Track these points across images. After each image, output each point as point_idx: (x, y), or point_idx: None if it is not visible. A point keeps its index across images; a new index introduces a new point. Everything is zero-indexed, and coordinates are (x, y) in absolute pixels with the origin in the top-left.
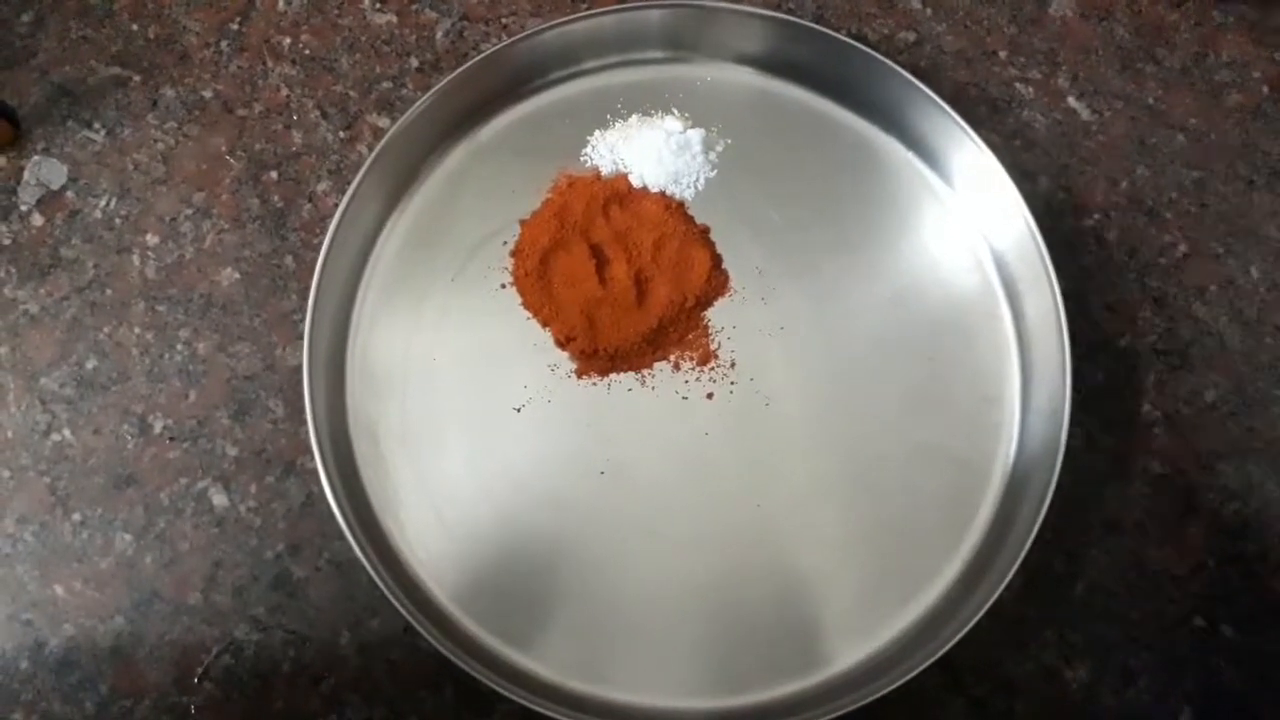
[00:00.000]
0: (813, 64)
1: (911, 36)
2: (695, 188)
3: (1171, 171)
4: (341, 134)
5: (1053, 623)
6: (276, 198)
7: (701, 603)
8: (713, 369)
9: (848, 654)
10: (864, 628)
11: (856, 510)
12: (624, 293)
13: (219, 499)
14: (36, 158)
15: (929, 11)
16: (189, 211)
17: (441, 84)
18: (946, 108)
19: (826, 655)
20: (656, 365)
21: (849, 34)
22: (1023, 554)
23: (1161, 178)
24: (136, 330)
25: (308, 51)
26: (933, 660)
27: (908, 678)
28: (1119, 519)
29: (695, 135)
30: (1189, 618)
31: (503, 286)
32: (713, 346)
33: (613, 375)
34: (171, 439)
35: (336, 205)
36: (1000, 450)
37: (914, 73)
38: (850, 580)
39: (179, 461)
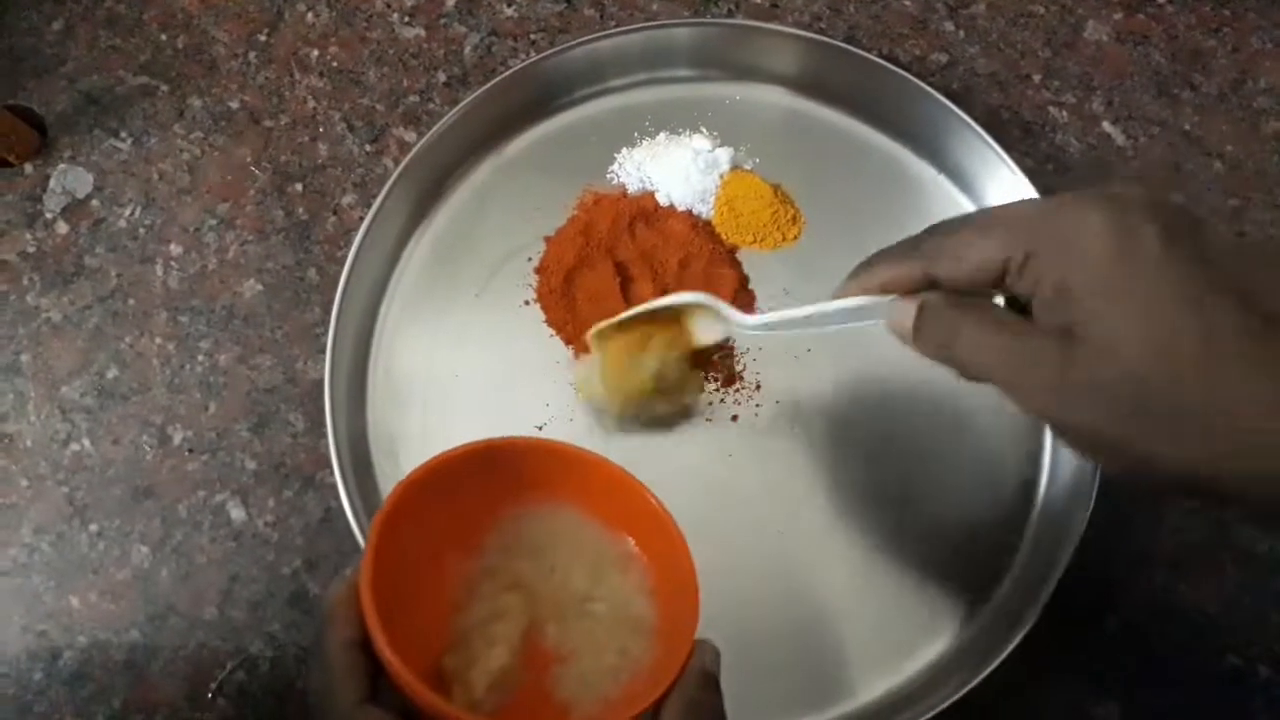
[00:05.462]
0: (843, 84)
1: (944, 58)
2: None
3: (1209, 199)
4: (368, 147)
5: (1082, 660)
6: (301, 210)
7: (718, 630)
8: (738, 390)
9: (869, 688)
10: (886, 661)
11: (881, 539)
12: None
13: (237, 513)
14: (63, 166)
15: (962, 34)
16: (213, 222)
17: (469, 99)
18: (980, 130)
19: (847, 688)
20: None
21: (880, 55)
22: (1051, 589)
23: (1198, 205)
24: (158, 341)
25: (335, 64)
26: (957, 696)
27: (931, 714)
28: (1151, 554)
29: (723, 154)
30: (1223, 657)
31: (526, 303)
32: (738, 368)
33: None
34: (190, 451)
35: (361, 218)
36: (1031, 482)
37: (946, 95)
38: (873, 611)
39: (197, 474)
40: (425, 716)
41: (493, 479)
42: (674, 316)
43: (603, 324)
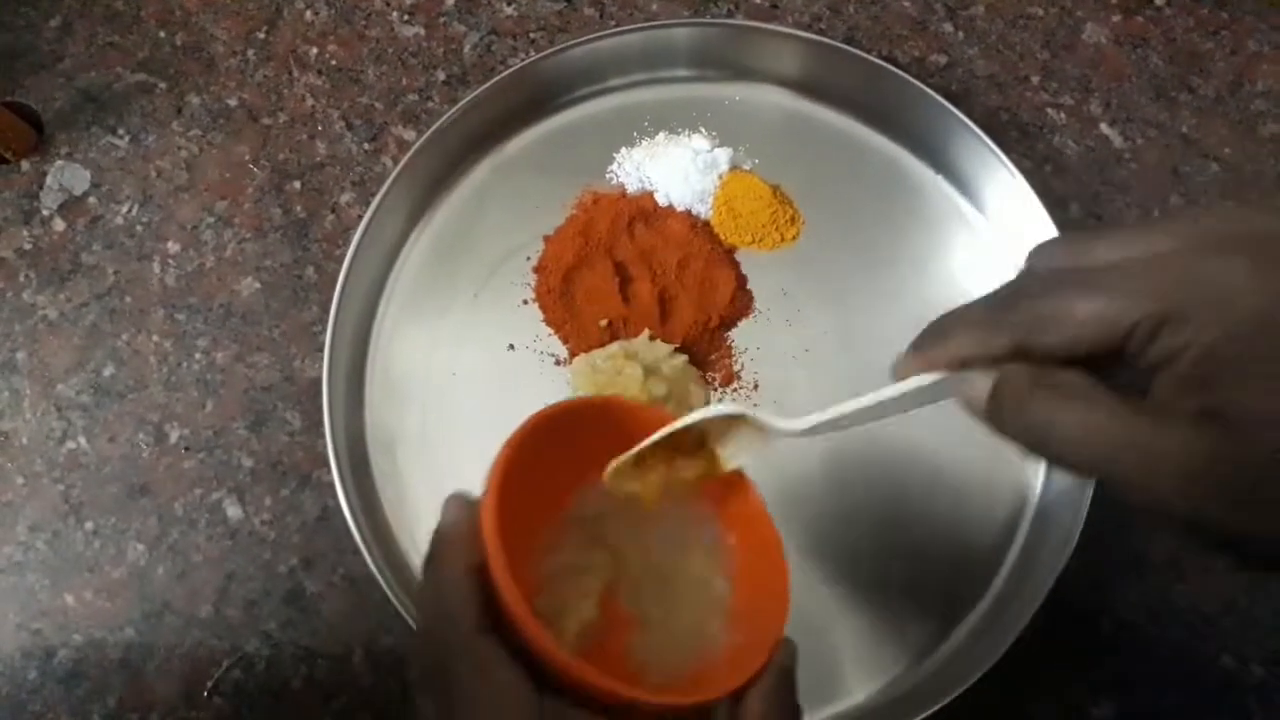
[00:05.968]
0: (842, 85)
1: (943, 60)
2: None
3: (1205, 201)
4: (366, 145)
5: (1078, 660)
6: (299, 208)
7: None
8: (735, 390)
9: (864, 687)
10: (882, 661)
11: (878, 540)
12: (647, 311)
13: (233, 511)
14: (60, 163)
15: (961, 35)
16: (211, 220)
17: (468, 98)
18: (978, 131)
19: (844, 689)
20: None
21: (880, 56)
22: (1047, 590)
23: (1195, 206)
24: (155, 338)
25: (334, 62)
26: (953, 697)
27: (926, 713)
28: (1146, 553)
29: (722, 154)
30: (1218, 656)
31: (525, 303)
32: (736, 368)
33: None
34: (187, 449)
35: (360, 217)
36: (1027, 483)
37: (945, 96)
38: (869, 612)
39: (194, 472)
40: (531, 655)
41: (606, 436)
42: (697, 438)
43: (620, 461)
